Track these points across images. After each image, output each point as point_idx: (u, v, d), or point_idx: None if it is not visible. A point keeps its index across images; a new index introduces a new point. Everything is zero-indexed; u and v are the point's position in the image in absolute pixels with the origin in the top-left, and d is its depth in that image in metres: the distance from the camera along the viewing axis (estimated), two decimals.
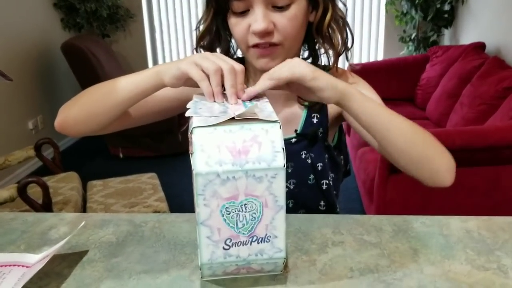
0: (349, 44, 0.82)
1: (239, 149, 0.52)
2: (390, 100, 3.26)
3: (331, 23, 0.79)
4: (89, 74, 3.34)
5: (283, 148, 0.53)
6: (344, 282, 0.59)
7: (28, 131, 3.39)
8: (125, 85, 0.71)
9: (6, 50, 3.13)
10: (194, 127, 0.53)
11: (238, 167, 0.52)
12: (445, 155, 0.70)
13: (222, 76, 0.61)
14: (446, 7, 3.60)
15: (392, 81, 3.40)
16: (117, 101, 0.72)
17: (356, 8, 4.07)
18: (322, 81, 0.63)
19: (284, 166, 0.53)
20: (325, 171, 0.85)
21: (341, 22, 0.80)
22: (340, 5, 0.82)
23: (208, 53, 0.65)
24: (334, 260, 0.64)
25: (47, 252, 0.64)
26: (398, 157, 0.69)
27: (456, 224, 0.73)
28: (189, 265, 0.64)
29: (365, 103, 0.66)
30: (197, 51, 0.83)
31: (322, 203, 0.87)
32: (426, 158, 0.68)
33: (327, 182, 0.86)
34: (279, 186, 0.53)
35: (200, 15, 0.83)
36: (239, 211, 0.53)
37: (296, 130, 0.84)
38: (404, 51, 3.83)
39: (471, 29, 3.33)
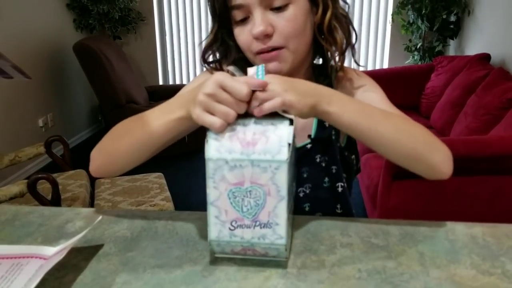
0: (353, 41, 0.81)
1: (248, 140, 0.58)
2: None
3: (332, 21, 0.77)
4: (99, 74, 3.38)
5: (289, 144, 0.57)
6: (352, 283, 0.61)
7: (38, 129, 3.43)
8: (158, 131, 0.69)
9: (20, 49, 3.17)
10: None
11: (245, 156, 0.57)
12: (437, 149, 0.71)
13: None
14: (452, 18, 3.63)
15: (397, 89, 3.41)
16: (151, 148, 0.72)
17: (363, 16, 4.10)
18: (305, 109, 0.62)
19: (287, 160, 0.57)
20: (339, 173, 0.86)
21: (344, 20, 0.79)
22: (341, 3, 0.80)
23: (215, 89, 0.59)
24: (342, 261, 0.66)
25: (64, 245, 0.66)
26: (388, 156, 0.72)
27: (461, 230, 0.75)
28: (201, 261, 0.66)
29: (341, 118, 0.66)
30: (204, 62, 0.85)
31: (338, 206, 0.88)
32: (416, 155, 0.70)
33: (342, 184, 0.87)
34: (282, 178, 0.58)
35: (209, 20, 0.84)
36: (245, 196, 0.59)
37: (310, 136, 0.85)
38: (410, 60, 3.86)
39: (477, 40, 3.35)
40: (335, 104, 0.65)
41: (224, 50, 0.83)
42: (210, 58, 0.85)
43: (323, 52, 0.84)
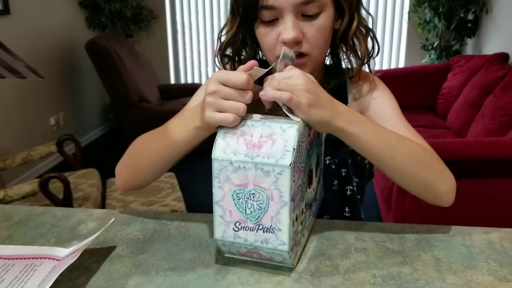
0: (375, 54, 0.81)
1: (254, 142, 0.58)
2: (410, 108, 3.24)
3: (356, 32, 0.78)
4: (111, 72, 3.39)
5: (293, 148, 0.56)
6: None
7: (50, 127, 3.45)
8: (177, 143, 0.70)
9: (32, 48, 3.20)
10: None
11: (249, 159, 0.57)
12: (445, 178, 0.72)
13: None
14: (470, 17, 3.58)
15: (413, 89, 3.38)
16: (172, 159, 0.73)
17: (379, 14, 4.06)
18: (315, 117, 0.61)
19: (290, 165, 0.56)
20: (349, 177, 0.86)
21: (365, 31, 0.79)
22: (364, 13, 0.81)
23: (217, 86, 0.60)
24: (357, 266, 0.65)
25: (77, 246, 0.66)
26: (397, 181, 0.73)
27: (478, 235, 0.74)
28: (214, 264, 0.65)
29: (358, 140, 0.66)
30: (221, 60, 0.84)
31: (346, 209, 0.87)
32: (425, 184, 0.71)
33: (351, 188, 0.86)
34: (285, 183, 0.57)
35: (222, 18, 0.83)
36: (248, 199, 0.59)
37: None
38: (426, 59, 3.81)
39: (495, 39, 3.30)
40: (354, 125, 0.65)
41: (241, 48, 0.82)
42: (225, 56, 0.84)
43: (335, 53, 0.84)
